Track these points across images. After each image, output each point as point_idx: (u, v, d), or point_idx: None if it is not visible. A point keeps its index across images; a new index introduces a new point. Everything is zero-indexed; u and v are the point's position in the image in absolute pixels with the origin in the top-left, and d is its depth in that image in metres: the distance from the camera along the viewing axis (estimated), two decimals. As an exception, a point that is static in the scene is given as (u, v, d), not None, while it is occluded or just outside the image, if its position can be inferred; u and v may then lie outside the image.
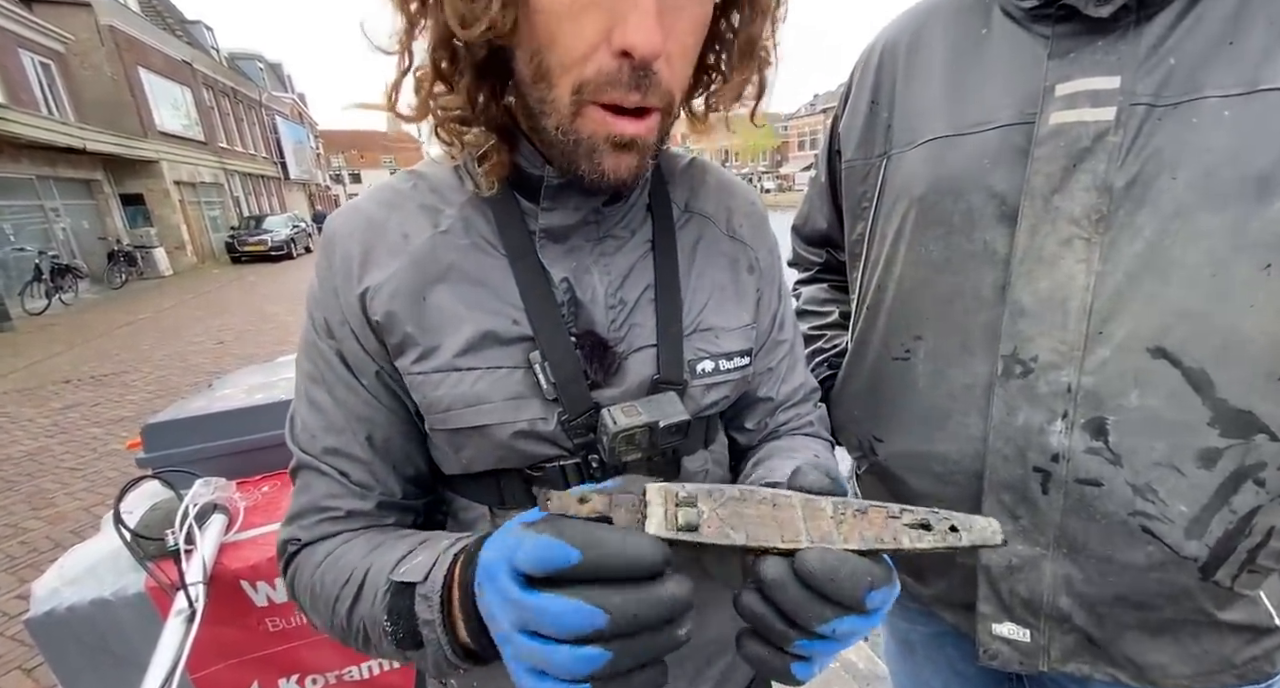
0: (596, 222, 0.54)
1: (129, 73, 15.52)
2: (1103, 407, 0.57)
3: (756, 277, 0.63)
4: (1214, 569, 0.56)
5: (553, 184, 0.51)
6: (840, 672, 1.95)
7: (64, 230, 12.62)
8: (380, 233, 0.52)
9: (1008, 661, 0.67)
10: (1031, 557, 0.63)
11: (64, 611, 1.01)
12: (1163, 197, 0.54)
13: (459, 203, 0.54)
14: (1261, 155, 0.50)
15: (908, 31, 0.74)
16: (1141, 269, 0.55)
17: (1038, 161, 0.59)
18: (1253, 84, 0.51)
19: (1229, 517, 0.55)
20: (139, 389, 5.55)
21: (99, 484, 3.58)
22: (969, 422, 0.65)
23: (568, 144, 0.45)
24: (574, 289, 0.53)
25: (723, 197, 0.64)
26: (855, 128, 0.78)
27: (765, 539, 0.34)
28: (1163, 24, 0.55)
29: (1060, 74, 0.59)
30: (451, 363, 0.50)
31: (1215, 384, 0.54)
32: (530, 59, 0.44)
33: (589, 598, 0.31)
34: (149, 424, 1.29)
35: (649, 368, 0.54)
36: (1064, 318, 0.58)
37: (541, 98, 0.45)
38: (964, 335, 0.65)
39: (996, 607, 0.66)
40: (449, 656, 0.42)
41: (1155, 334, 0.55)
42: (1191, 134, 0.53)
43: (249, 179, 24.13)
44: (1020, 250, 0.60)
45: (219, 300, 10.91)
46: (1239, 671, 0.61)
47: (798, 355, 0.69)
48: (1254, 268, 0.51)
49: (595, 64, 0.42)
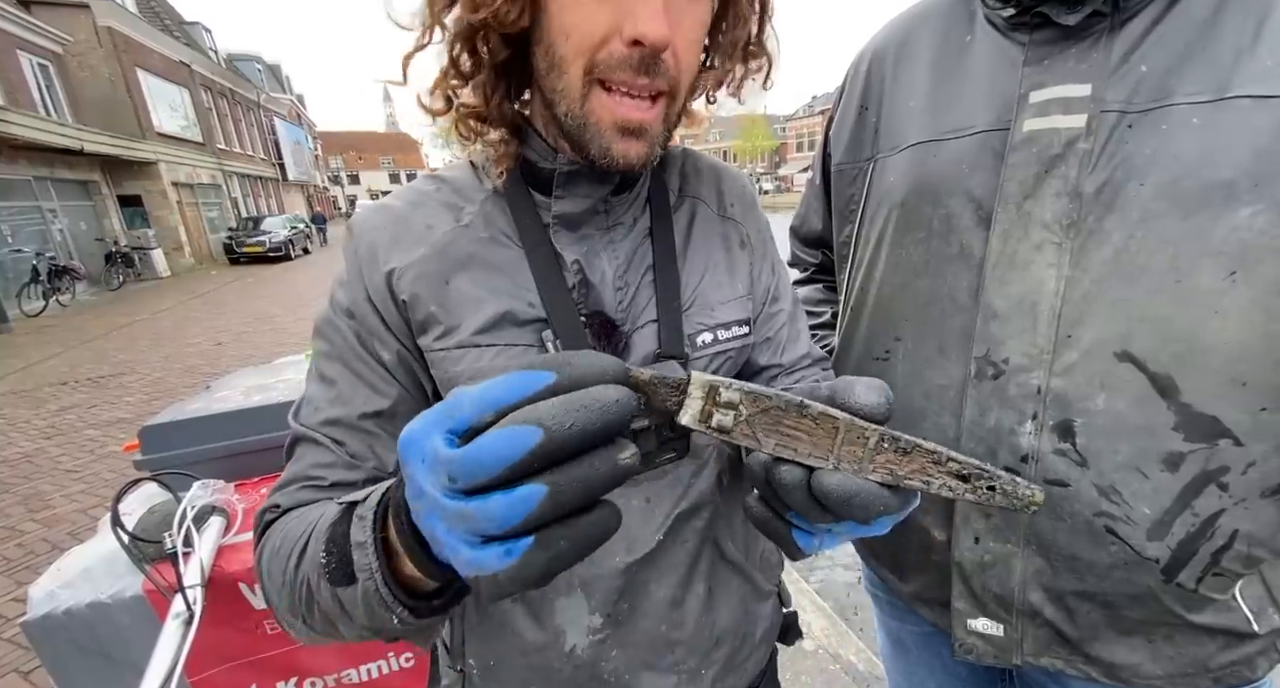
0: (605, 210, 0.58)
1: (127, 74, 15.49)
2: (1070, 409, 0.58)
3: (748, 252, 0.66)
4: (1176, 571, 0.57)
5: (563, 171, 0.55)
6: (840, 673, 1.94)
7: (61, 232, 12.59)
8: (406, 224, 0.56)
9: (982, 655, 0.69)
10: (1003, 554, 0.64)
11: (61, 614, 1.01)
12: (1131, 203, 0.55)
13: (479, 200, 0.58)
14: (1227, 163, 0.51)
15: (897, 38, 0.76)
16: (1109, 274, 0.56)
17: (1011, 168, 0.60)
18: (1221, 91, 0.52)
19: (1191, 520, 0.56)
20: (136, 391, 5.53)
21: (96, 486, 3.58)
22: (943, 422, 0.66)
23: (578, 128, 0.49)
24: (585, 271, 0.57)
25: (714, 180, 0.68)
26: (845, 132, 0.80)
27: (793, 453, 0.33)
28: (1136, 31, 0.56)
29: (1034, 82, 0.60)
30: (472, 340, 0.53)
31: (1180, 389, 0.54)
32: (546, 52, 0.49)
33: (515, 419, 0.27)
34: (147, 426, 1.29)
35: (652, 343, 0.58)
36: (1034, 321, 0.59)
37: (554, 86, 0.49)
38: (940, 338, 0.66)
39: (970, 603, 0.68)
40: (380, 588, 0.37)
41: (1121, 339, 0.56)
42: (1160, 141, 0.54)
43: (247, 180, 24.10)
44: (993, 255, 0.61)
45: (217, 302, 10.89)
46: (1215, 674, 0.61)
47: (799, 326, 0.72)
48: (1218, 275, 0.52)
49: (607, 50, 0.46)
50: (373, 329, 0.54)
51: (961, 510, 0.66)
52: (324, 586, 0.41)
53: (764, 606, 0.67)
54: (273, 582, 0.47)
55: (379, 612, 0.38)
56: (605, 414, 0.27)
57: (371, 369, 0.55)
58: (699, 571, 0.61)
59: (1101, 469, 0.58)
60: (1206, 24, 0.54)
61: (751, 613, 0.65)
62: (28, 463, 4.00)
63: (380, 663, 1.23)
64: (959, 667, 0.85)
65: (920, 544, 0.72)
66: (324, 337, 0.56)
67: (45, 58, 13.33)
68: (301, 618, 0.45)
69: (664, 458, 0.55)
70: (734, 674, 0.64)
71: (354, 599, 0.39)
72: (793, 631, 0.72)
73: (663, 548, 0.58)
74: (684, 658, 0.60)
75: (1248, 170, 0.50)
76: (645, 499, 0.57)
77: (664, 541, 0.58)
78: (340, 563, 0.39)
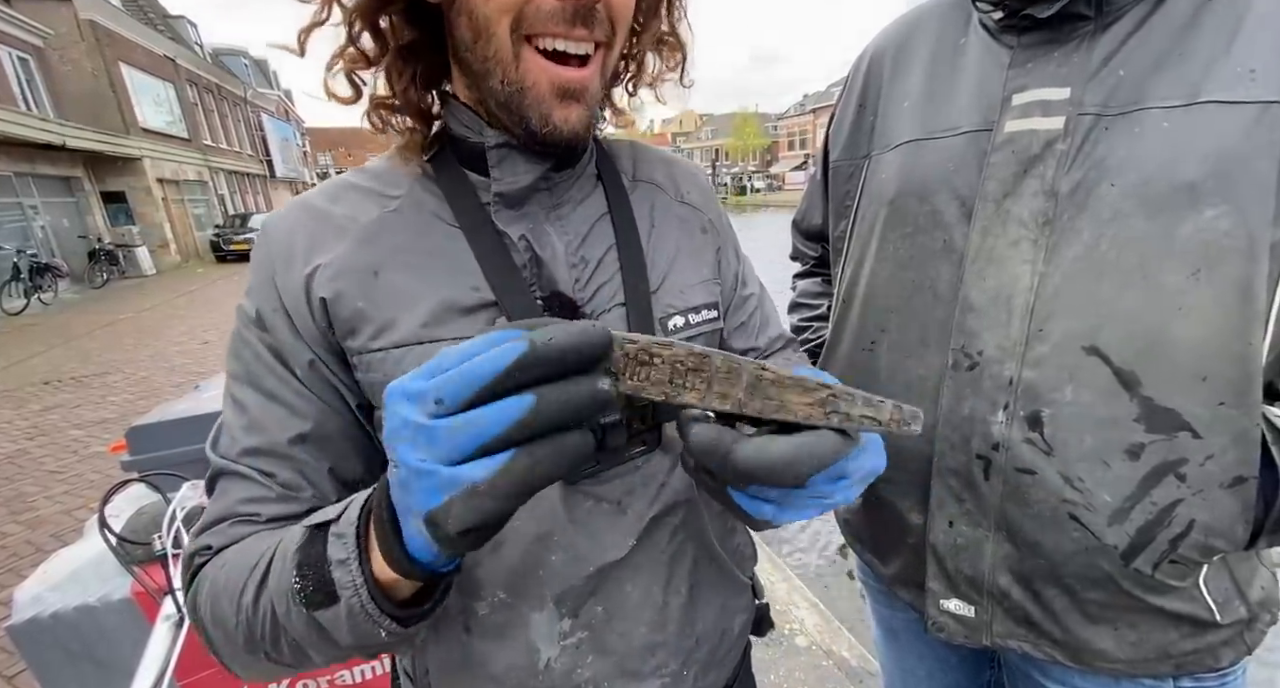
0: (548, 189, 0.54)
1: (110, 68, 15.22)
2: (1040, 400, 0.60)
3: (712, 236, 0.65)
4: (1133, 557, 0.60)
5: (494, 144, 0.51)
6: (833, 669, 1.96)
7: (43, 229, 12.38)
8: (325, 219, 0.51)
9: (953, 634, 0.71)
10: (975, 538, 0.67)
11: (47, 617, 1.00)
12: (1102, 202, 0.57)
13: (406, 185, 0.53)
14: (1193, 165, 0.53)
15: (897, 39, 0.78)
16: (1080, 271, 0.58)
17: (992, 167, 0.63)
18: (1192, 96, 0.54)
19: (1150, 508, 0.58)
20: (121, 390, 5.46)
21: (81, 487, 3.53)
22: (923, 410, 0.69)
23: (514, 96, 0.46)
24: (533, 247, 0.52)
25: (668, 168, 0.66)
26: (844, 129, 0.82)
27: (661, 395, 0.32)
28: (1118, 35, 0.58)
29: (1017, 84, 0.62)
30: (415, 335, 0.48)
31: (1143, 382, 0.57)
32: (469, 20, 0.44)
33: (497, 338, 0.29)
34: (134, 427, 1.28)
35: (620, 328, 0.54)
36: (1008, 315, 0.61)
37: (484, 56, 0.45)
38: (922, 330, 0.69)
39: (944, 584, 0.71)
40: (367, 604, 0.36)
41: (1089, 333, 0.58)
42: (1133, 143, 0.56)
43: (234, 177, 23.78)
44: (973, 250, 0.64)
45: (204, 299, 10.75)
46: (1177, 661, 0.64)
47: (768, 309, 0.72)
48: (1183, 274, 0.54)
49: (534, 3, 0.42)
50: (284, 341, 0.49)
51: (937, 496, 0.68)
52: (297, 612, 0.39)
53: (741, 600, 0.67)
54: (221, 624, 0.44)
55: (365, 627, 0.37)
56: (581, 337, 0.28)
57: (287, 385, 0.49)
58: (680, 570, 0.58)
59: (1066, 458, 0.60)
60: (1185, 29, 0.55)
61: (730, 609, 0.65)
62: (10, 464, 3.94)
63: (375, 664, 1.22)
64: (948, 653, 0.87)
65: (899, 528, 0.75)
66: (236, 356, 0.51)
67: (25, 52, 13.07)
68: (264, 654, 0.43)
69: (635, 451, 0.54)
70: (714, 672, 0.63)
71: (336, 619, 0.38)
72: (765, 622, 0.72)
73: (637, 552, 0.55)
74: (666, 661, 0.58)
75: (1212, 173, 0.52)
76: (617, 502, 0.54)
77: (637, 545, 0.55)
78: (318, 585, 0.37)
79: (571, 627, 0.54)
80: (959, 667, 0.88)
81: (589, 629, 0.55)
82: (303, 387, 0.49)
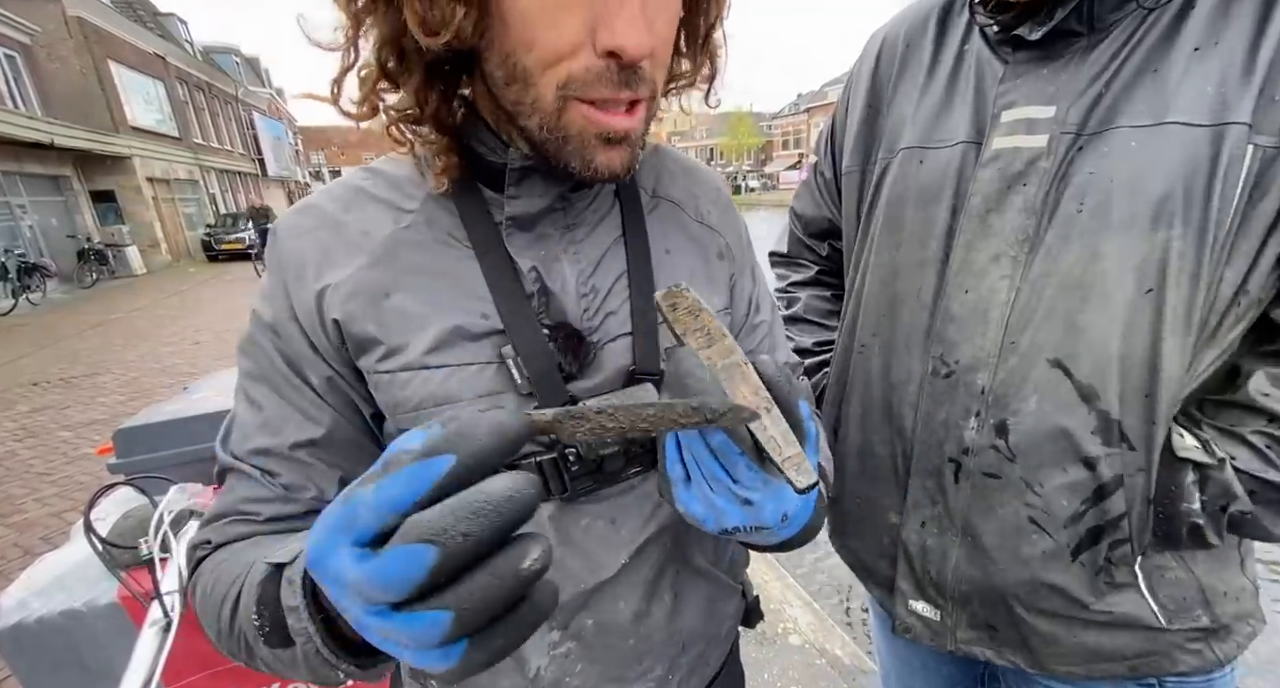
0: (564, 209, 0.53)
1: (99, 66, 15.05)
2: (1007, 410, 0.63)
3: (728, 262, 0.63)
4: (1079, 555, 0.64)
5: (516, 167, 0.49)
6: (826, 668, 1.97)
7: (31, 228, 12.23)
8: (338, 231, 0.50)
9: (919, 636, 0.73)
10: (943, 543, 0.69)
11: (33, 622, 0.99)
12: (1071, 221, 0.59)
13: (420, 198, 0.52)
14: (1155, 186, 0.54)
15: (903, 36, 0.77)
16: (1049, 287, 0.60)
17: (978, 182, 0.64)
18: (1160, 116, 0.55)
19: (1100, 515, 0.62)
20: (111, 391, 5.41)
21: (69, 490, 3.50)
22: (903, 413, 0.71)
23: (556, 142, 0.44)
24: (543, 278, 0.51)
25: (689, 182, 0.64)
26: (852, 132, 0.81)
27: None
28: (1106, 52, 0.58)
29: (1006, 100, 0.64)
30: (421, 361, 0.48)
31: (1100, 397, 0.59)
32: (504, 61, 0.43)
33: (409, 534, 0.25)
34: (121, 429, 1.26)
35: (625, 358, 0.53)
36: (984, 327, 0.63)
37: (519, 100, 0.44)
38: (907, 336, 0.71)
39: (912, 584, 0.73)
40: (321, 649, 0.35)
41: (1055, 347, 0.60)
42: (1102, 163, 0.57)
43: (226, 176, 23.60)
44: (956, 263, 0.65)
45: (195, 300, 10.67)
46: (1131, 663, 0.66)
47: (777, 336, 0.70)
48: (1138, 291, 0.56)
49: (581, 62, 0.41)
50: (299, 351, 0.49)
51: (913, 497, 0.70)
52: (261, 646, 0.39)
53: (729, 604, 0.67)
54: (209, 625, 0.45)
55: (322, 670, 0.36)
56: (499, 516, 0.25)
57: (301, 394, 0.50)
58: (664, 583, 0.58)
59: (1028, 465, 0.63)
60: (1160, 45, 0.56)
61: (718, 613, 0.65)
62: (-2, 466, 3.90)
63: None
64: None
65: (879, 526, 0.77)
66: (248, 355, 0.51)
67: (13, 49, 12.92)
68: (244, 661, 0.44)
69: (630, 472, 0.53)
70: (700, 672, 0.64)
71: (294, 659, 0.37)
72: (755, 613, 0.71)
73: (628, 568, 0.55)
74: (652, 666, 0.58)
75: (1171, 195, 0.54)
76: (610, 520, 0.54)
77: (629, 563, 0.55)
78: (274, 626, 0.37)
79: (561, 638, 0.54)
80: (952, 660, 0.89)
81: (578, 640, 0.55)
82: (317, 396, 0.50)
